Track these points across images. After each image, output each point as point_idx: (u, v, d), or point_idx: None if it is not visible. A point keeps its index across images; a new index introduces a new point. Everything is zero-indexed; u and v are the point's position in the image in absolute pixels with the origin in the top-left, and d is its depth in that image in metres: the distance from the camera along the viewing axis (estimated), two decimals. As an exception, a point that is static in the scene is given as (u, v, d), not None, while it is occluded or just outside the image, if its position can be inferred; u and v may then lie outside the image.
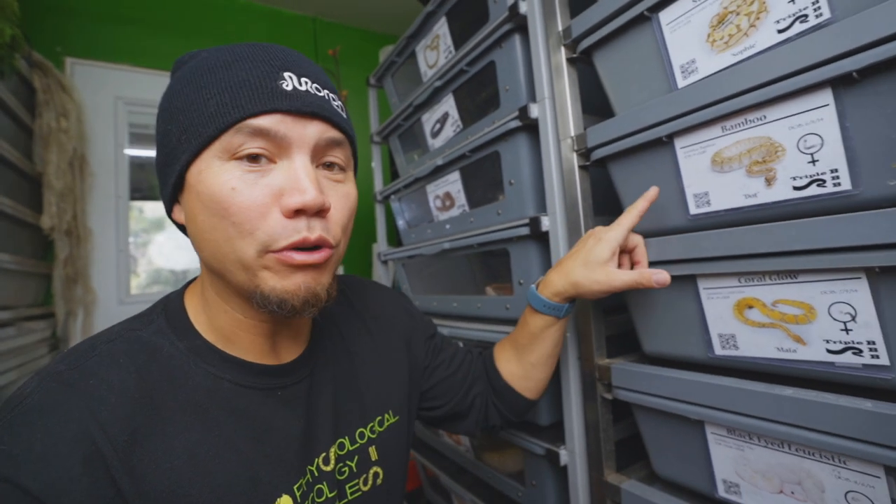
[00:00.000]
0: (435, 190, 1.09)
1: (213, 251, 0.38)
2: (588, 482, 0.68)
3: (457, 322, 1.00)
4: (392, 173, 1.52)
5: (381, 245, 1.43)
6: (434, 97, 1.05)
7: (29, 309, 1.47)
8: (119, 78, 1.82)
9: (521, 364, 0.64)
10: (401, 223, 1.30)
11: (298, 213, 0.36)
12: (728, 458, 0.52)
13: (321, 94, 0.39)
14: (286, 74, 0.37)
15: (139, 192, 1.91)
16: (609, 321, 0.70)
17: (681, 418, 0.55)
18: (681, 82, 0.55)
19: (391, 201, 1.33)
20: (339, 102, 0.42)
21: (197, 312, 0.43)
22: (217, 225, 0.36)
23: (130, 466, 0.34)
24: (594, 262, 0.56)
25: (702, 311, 0.55)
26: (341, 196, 0.41)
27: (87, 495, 0.31)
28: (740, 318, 0.51)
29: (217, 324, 0.42)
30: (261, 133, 0.36)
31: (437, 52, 1.05)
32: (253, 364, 0.43)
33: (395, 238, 1.41)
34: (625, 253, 0.59)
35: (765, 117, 0.47)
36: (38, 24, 1.68)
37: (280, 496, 0.40)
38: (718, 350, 0.54)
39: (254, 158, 0.36)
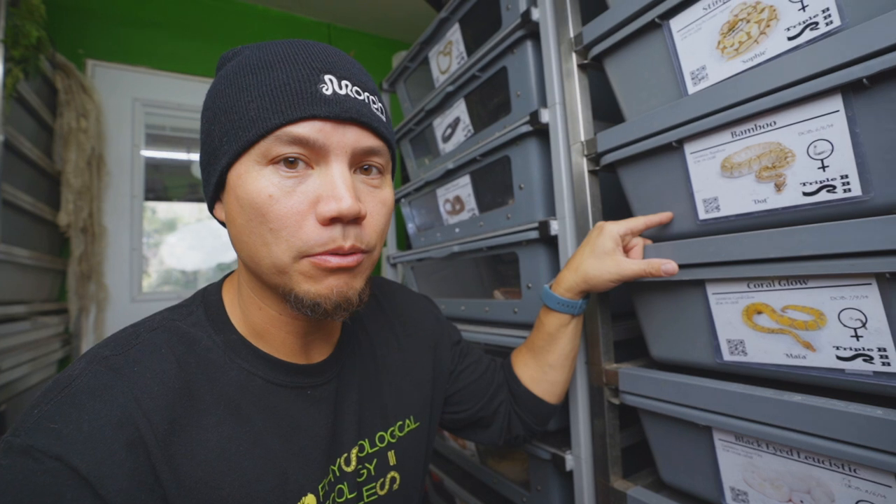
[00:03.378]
0: (445, 194, 1.10)
1: (249, 252, 0.38)
2: (594, 488, 0.68)
3: (465, 325, 1.00)
4: (403, 178, 1.54)
5: (390, 248, 1.44)
6: (446, 102, 1.06)
7: (43, 304, 1.50)
8: (137, 80, 1.86)
9: (540, 367, 0.64)
10: (410, 227, 1.31)
11: (334, 220, 0.36)
12: (736, 466, 0.52)
13: (361, 98, 0.38)
14: (327, 77, 0.37)
15: (153, 192, 1.94)
16: (617, 326, 0.70)
17: (688, 424, 0.55)
18: (691, 88, 0.55)
19: (401, 205, 1.34)
20: (380, 104, 0.41)
21: (233, 307, 0.44)
22: (254, 229, 0.37)
23: (169, 455, 0.34)
24: (601, 251, 0.57)
25: (710, 316, 0.55)
26: (378, 202, 0.40)
27: (129, 479, 0.31)
28: (749, 324, 0.51)
29: (251, 320, 0.43)
30: (299, 142, 0.36)
31: (449, 57, 1.07)
32: (285, 362, 0.43)
33: (404, 241, 1.41)
34: (624, 253, 0.60)
35: (774, 123, 0.47)
36: (62, 26, 1.73)
37: (305, 494, 0.40)
38: (727, 356, 0.54)
39: (291, 163, 0.36)
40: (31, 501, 0.29)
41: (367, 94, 0.39)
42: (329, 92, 0.36)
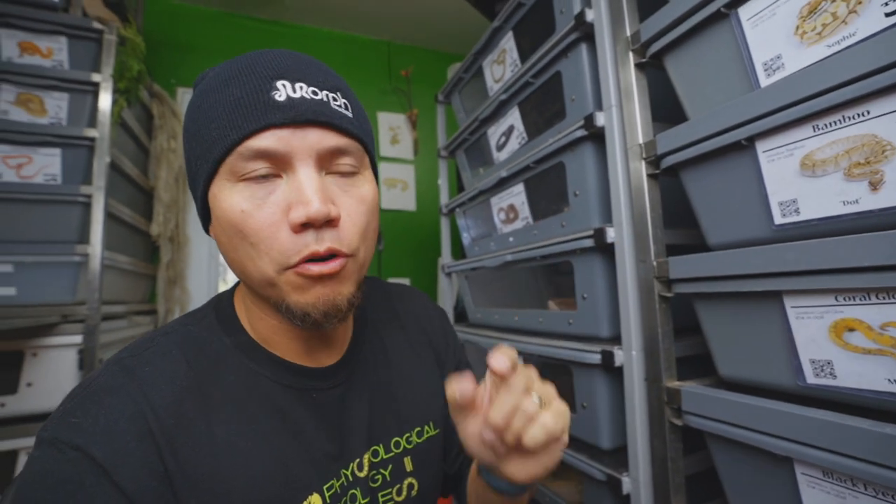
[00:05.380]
0: (499, 202, 1.09)
1: (239, 268, 0.39)
2: (655, 517, 0.62)
3: (518, 336, 0.97)
4: (459, 188, 1.54)
5: (445, 257, 1.44)
6: (500, 110, 1.06)
7: (138, 305, 1.68)
8: (220, 104, 2.05)
9: None
10: (465, 237, 1.31)
11: (306, 226, 0.36)
12: (824, 506, 0.45)
13: (318, 98, 0.37)
14: (279, 83, 0.36)
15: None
16: (680, 341, 0.65)
17: (764, 454, 0.49)
18: (763, 81, 0.50)
19: (456, 215, 1.34)
20: (343, 101, 0.40)
21: (242, 314, 0.46)
22: (237, 246, 0.37)
23: (175, 448, 0.36)
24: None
25: (789, 332, 0.48)
26: (355, 201, 0.39)
27: (141, 467, 0.34)
28: (838, 343, 0.45)
29: (256, 327, 0.44)
30: (261, 154, 0.36)
31: (503, 66, 1.06)
32: (291, 364, 0.44)
33: (459, 251, 1.42)
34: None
35: (868, 113, 0.41)
36: (157, 59, 1.95)
37: (311, 494, 0.41)
38: (811, 378, 0.47)
39: (260, 177, 0.36)
40: (57, 487, 0.32)
41: (325, 92, 0.38)
42: (283, 98, 0.36)
